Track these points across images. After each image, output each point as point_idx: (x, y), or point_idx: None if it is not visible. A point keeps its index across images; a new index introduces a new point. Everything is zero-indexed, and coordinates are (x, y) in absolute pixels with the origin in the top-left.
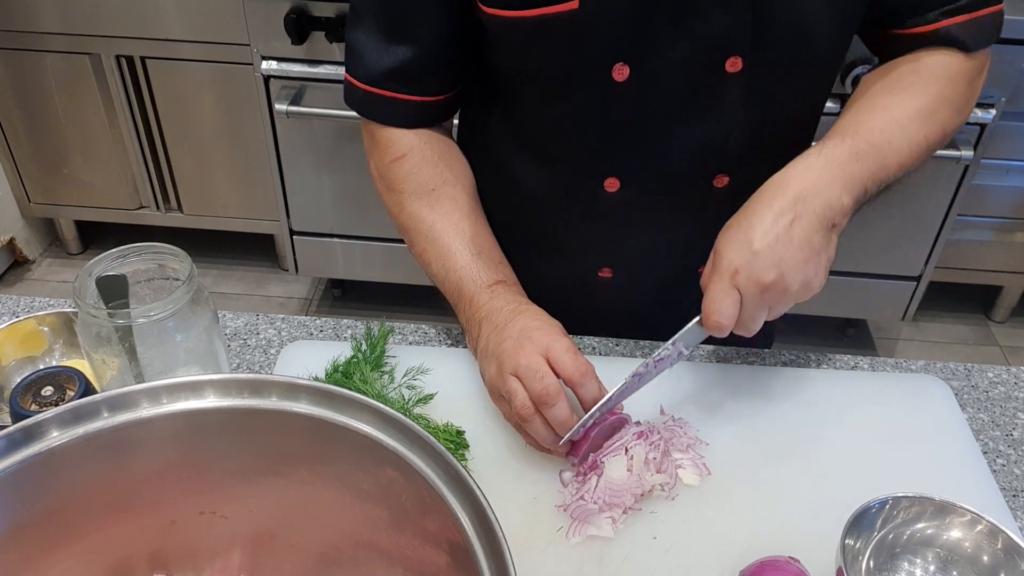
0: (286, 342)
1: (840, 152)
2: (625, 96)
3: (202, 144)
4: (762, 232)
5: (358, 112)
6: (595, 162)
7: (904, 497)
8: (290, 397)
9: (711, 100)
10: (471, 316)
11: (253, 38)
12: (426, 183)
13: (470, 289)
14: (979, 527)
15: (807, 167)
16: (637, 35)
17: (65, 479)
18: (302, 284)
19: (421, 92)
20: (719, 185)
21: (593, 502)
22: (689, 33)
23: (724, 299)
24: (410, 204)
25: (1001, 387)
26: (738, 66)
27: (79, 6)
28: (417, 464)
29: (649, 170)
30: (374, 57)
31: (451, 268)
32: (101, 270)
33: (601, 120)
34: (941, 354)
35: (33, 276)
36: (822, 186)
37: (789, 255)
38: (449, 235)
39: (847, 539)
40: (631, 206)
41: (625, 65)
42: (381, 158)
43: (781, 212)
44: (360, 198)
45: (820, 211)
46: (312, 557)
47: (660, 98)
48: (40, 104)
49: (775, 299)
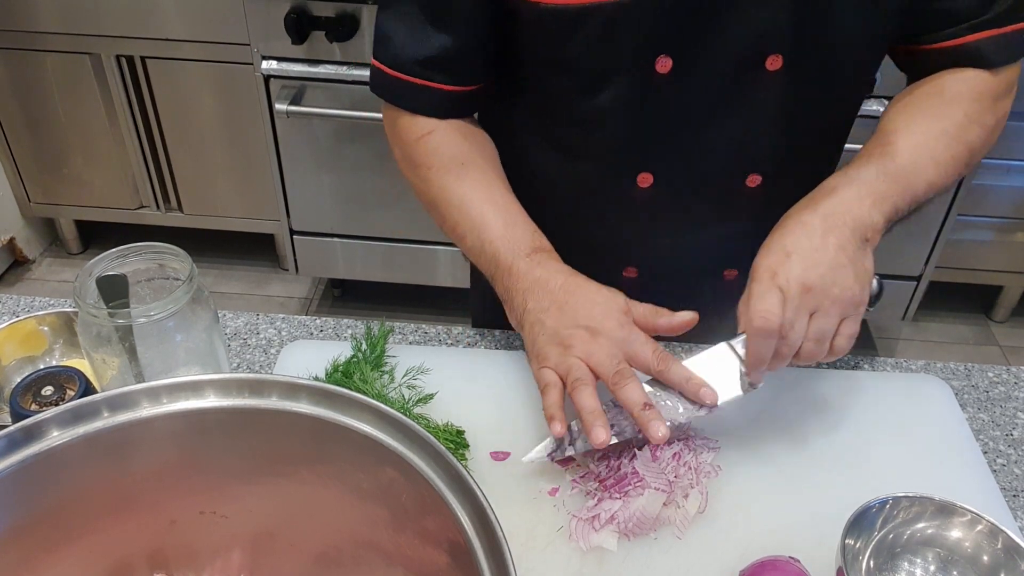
0: (286, 342)
1: (866, 172)
2: (665, 89)
3: (202, 144)
4: (795, 239)
5: (386, 99)
6: (629, 156)
7: (904, 497)
8: (290, 397)
9: (749, 97)
10: (511, 286)
11: (253, 38)
12: (455, 157)
13: (507, 258)
14: (979, 527)
15: (833, 187)
16: (682, 27)
17: (65, 479)
18: (302, 284)
19: (454, 81)
20: (751, 185)
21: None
22: (732, 28)
23: (768, 295)
24: (438, 178)
25: (1001, 387)
26: (778, 64)
27: (79, 6)
28: (417, 464)
29: (683, 166)
30: (408, 44)
31: (486, 239)
32: (101, 270)
33: (638, 113)
34: (941, 354)
35: (33, 276)
36: (850, 202)
37: (825, 258)
38: (482, 205)
39: (847, 539)
40: (662, 203)
41: (668, 57)
42: (406, 137)
43: (813, 226)
44: (360, 198)
45: (851, 224)
46: (312, 557)
47: (700, 93)
48: (40, 104)
49: (817, 302)
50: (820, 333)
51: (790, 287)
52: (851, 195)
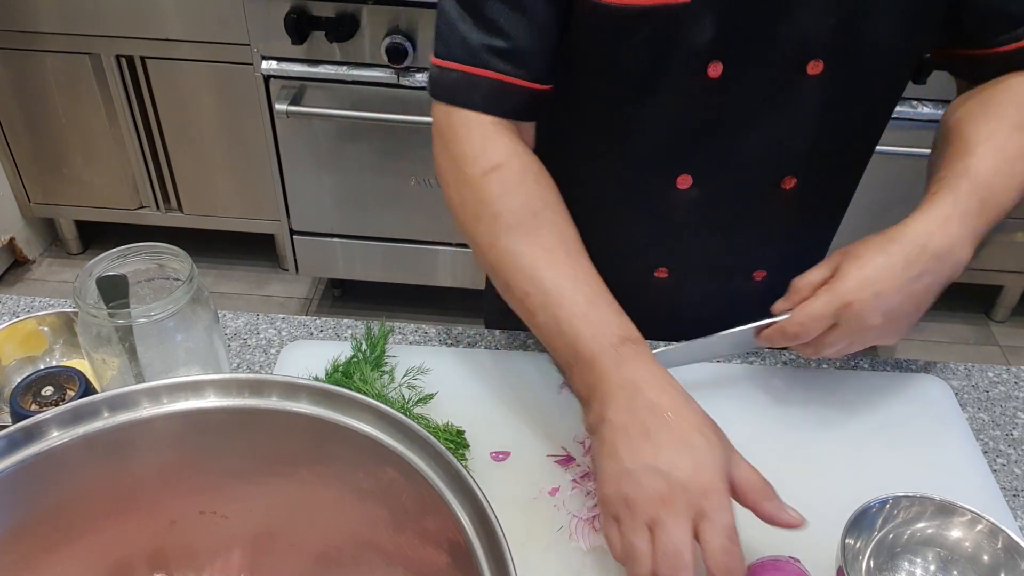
0: (286, 342)
1: (972, 206)
2: (712, 93)
3: (202, 144)
4: (890, 276)
5: (448, 100)
6: (670, 158)
7: (904, 497)
8: (290, 397)
9: (789, 101)
10: (593, 384)
11: (253, 38)
12: (527, 204)
13: (590, 347)
14: (979, 527)
15: (946, 221)
16: (734, 32)
17: (65, 479)
18: (302, 284)
19: (527, 76)
20: (786, 187)
21: None
22: (779, 33)
23: (823, 321)
24: (504, 236)
25: (1001, 387)
26: (819, 69)
27: (79, 6)
28: (417, 464)
29: (722, 168)
30: (479, 33)
31: (563, 319)
32: (101, 270)
33: (683, 116)
34: (941, 354)
35: (33, 276)
36: (957, 245)
37: (903, 308)
38: (558, 276)
39: (847, 539)
40: (698, 204)
41: (719, 63)
42: (471, 172)
43: (915, 264)
44: (360, 198)
45: (949, 272)
46: (312, 557)
47: (743, 96)
48: (40, 104)
49: (865, 341)
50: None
51: (850, 324)
52: (958, 236)
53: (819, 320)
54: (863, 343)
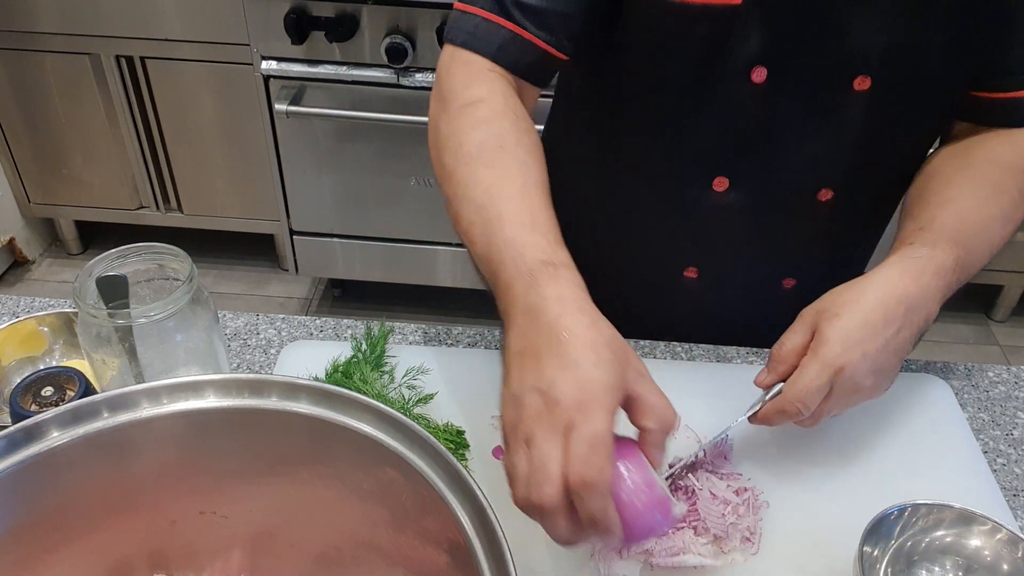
0: (286, 342)
1: (947, 262)
2: (756, 98)
3: (202, 144)
4: (873, 334)
5: (461, 44)
6: (709, 161)
7: (923, 504)
8: (290, 397)
9: (833, 114)
10: (504, 311)
11: (253, 38)
12: (495, 138)
13: (509, 272)
14: (999, 535)
15: (920, 273)
16: (782, 40)
17: (65, 479)
18: (302, 284)
19: (548, 39)
20: (822, 199)
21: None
22: (828, 44)
23: (819, 393)
24: (463, 168)
25: (1001, 387)
26: (866, 85)
27: (79, 6)
28: (417, 464)
29: (759, 175)
30: None
31: (493, 243)
32: (101, 270)
33: (725, 120)
34: (941, 354)
35: (33, 276)
36: (927, 298)
37: (888, 364)
38: (503, 203)
39: (865, 546)
40: (733, 208)
41: (763, 68)
42: (450, 106)
43: (893, 320)
44: (360, 198)
45: (921, 324)
46: (312, 557)
47: (787, 105)
48: (40, 104)
49: (856, 401)
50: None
51: (844, 388)
52: (930, 289)
53: (816, 393)
54: (855, 403)
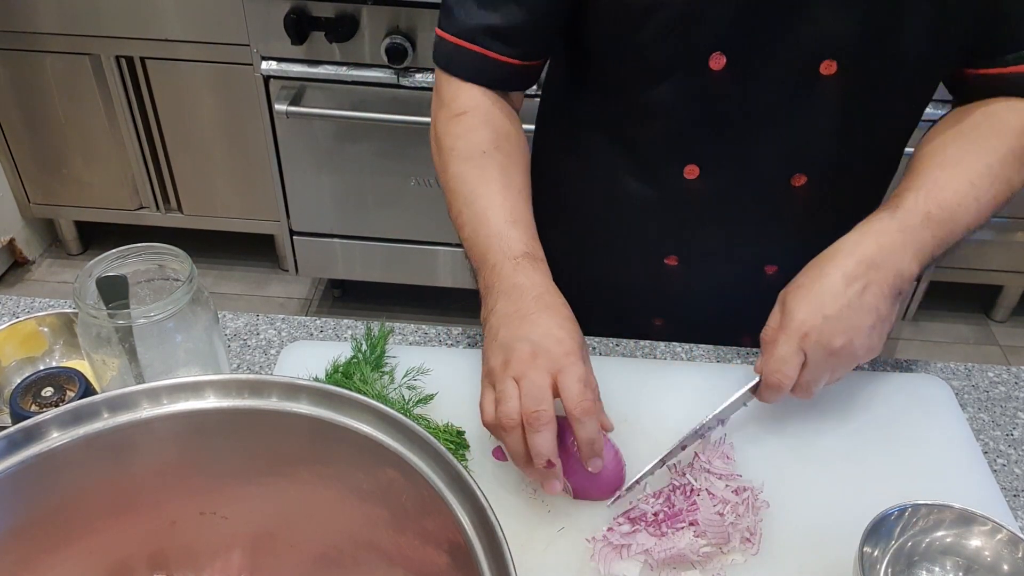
0: (286, 342)
1: (914, 217)
2: (719, 86)
3: (202, 144)
4: (834, 296)
5: (442, 67)
6: (678, 148)
7: (923, 505)
8: (290, 397)
9: (801, 100)
10: (491, 284)
11: (253, 38)
12: (478, 144)
13: (496, 256)
14: (999, 536)
15: (881, 231)
16: (741, 26)
17: (65, 480)
18: (302, 284)
19: (515, 54)
20: (796, 185)
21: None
22: (791, 30)
23: (791, 359)
24: (455, 165)
25: (1001, 387)
26: (832, 69)
27: (79, 6)
28: (417, 464)
29: (730, 161)
30: (475, 12)
31: (481, 233)
32: (101, 271)
33: (691, 107)
34: (941, 354)
35: (33, 277)
36: (895, 254)
37: (858, 322)
38: (487, 199)
39: (865, 547)
40: (707, 195)
41: (722, 55)
42: (443, 114)
43: (854, 277)
44: (360, 198)
45: (891, 280)
46: (312, 557)
47: (752, 91)
48: (40, 104)
49: (839, 364)
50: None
51: (817, 353)
52: (896, 245)
53: (787, 363)
54: (845, 366)
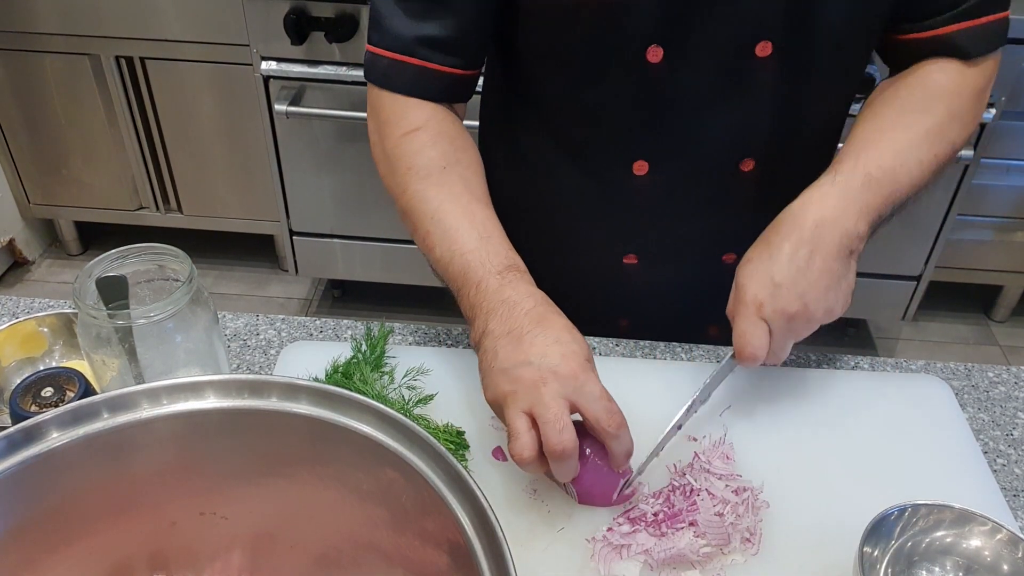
0: (286, 343)
1: (853, 180)
2: (658, 78)
3: (202, 144)
4: (782, 265)
5: (380, 85)
6: (624, 145)
7: (923, 505)
8: (290, 398)
9: (741, 84)
10: (477, 303)
11: (253, 38)
12: (437, 160)
13: (478, 273)
14: (999, 536)
15: (822, 196)
16: (672, 16)
17: (65, 480)
18: (302, 285)
19: (453, 63)
20: (745, 169)
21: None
22: (721, 15)
23: (754, 331)
24: (415, 184)
25: (1001, 387)
26: (768, 50)
27: (79, 7)
28: (417, 464)
29: (678, 153)
30: (407, 23)
31: (457, 251)
32: (101, 271)
33: (632, 102)
34: (941, 354)
35: (33, 277)
36: (838, 215)
37: (811, 285)
38: (457, 216)
39: (865, 547)
40: (659, 190)
41: (659, 47)
42: (391, 133)
43: (800, 243)
44: (360, 198)
45: (838, 240)
46: (312, 557)
47: (692, 80)
48: (40, 104)
49: (800, 327)
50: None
51: (776, 320)
52: (839, 207)
53: (750, 335)
54: (806, 329)
